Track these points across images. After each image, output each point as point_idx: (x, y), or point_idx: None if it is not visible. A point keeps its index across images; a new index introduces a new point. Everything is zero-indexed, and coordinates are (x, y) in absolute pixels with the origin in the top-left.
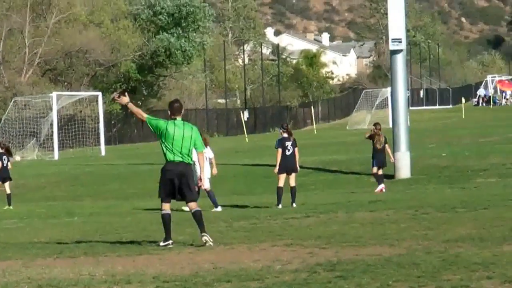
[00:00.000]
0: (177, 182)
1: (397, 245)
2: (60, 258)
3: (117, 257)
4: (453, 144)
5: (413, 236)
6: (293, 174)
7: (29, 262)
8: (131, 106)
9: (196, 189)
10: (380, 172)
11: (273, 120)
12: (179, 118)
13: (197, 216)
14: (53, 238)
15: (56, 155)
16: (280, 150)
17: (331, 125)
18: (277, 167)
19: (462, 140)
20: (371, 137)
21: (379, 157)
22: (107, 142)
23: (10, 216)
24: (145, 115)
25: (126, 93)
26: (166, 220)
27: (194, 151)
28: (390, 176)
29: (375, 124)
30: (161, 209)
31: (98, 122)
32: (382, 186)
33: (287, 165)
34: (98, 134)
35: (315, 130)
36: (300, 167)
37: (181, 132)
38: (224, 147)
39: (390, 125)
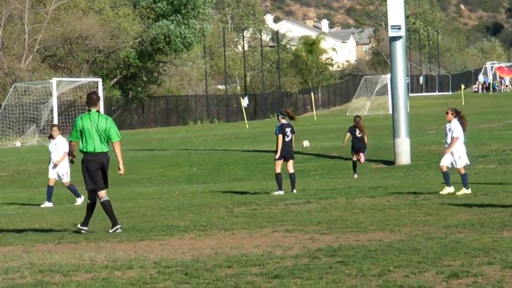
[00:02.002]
0: (99, 172)
1: (398, 231)
2: (61, 243)
3: (118, 243)
4: None
5: (414, 222)
6: (291, 161)
7: (30, 248)
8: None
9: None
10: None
11: (273, 106)
12: (94, 110)
13: (105, 206)
14: (54, 223)
15: None
16: (280, 136)
17: (331, 111)
18: (278, 154)
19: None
20: (352, 128)
21: (357, 144)
22: None
23: (11, 202)
24: (70, 140)
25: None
26: (106, 206)
27: None
28: (390, 162)
29: (355, 117)
30: (99, 198)
31: (98, 109)
32: (362, 157)
33: (286, 151)
34: None
35: (315, 116)
36: (301, 153)
37: (96, 123)
38: (224, 133)
39: (390, 112)
